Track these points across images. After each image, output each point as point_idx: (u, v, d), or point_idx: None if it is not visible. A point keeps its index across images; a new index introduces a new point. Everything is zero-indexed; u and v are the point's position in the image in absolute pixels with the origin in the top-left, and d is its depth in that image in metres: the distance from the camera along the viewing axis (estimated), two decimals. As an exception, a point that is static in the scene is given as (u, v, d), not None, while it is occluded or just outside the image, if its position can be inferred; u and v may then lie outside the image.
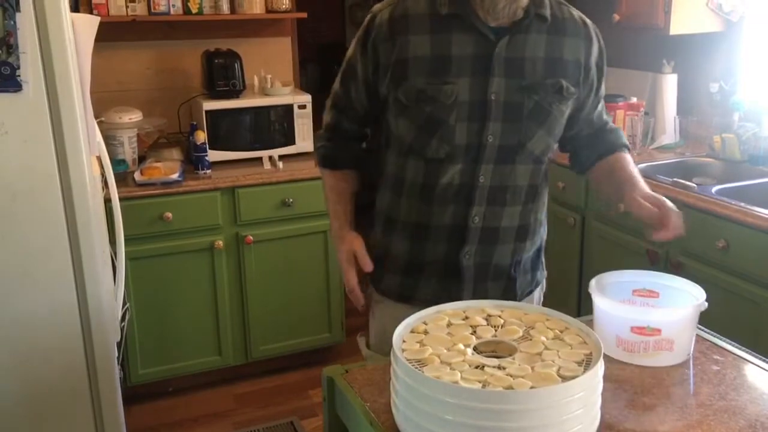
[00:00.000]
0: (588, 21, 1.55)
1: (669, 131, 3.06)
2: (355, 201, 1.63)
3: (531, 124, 1.45)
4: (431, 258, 1.52)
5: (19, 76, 1.72)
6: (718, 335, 1.39)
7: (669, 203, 1.40)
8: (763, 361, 1.29)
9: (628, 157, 1.61)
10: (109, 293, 2.04)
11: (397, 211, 1.53)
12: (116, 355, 2.03)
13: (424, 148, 1.45)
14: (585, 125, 1.62)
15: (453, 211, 1.47)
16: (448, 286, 1.52)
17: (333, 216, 1.60)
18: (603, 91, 1.63)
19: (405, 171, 1.50)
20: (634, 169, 1.55)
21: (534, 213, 1.55)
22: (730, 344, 1.36)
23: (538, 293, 1.67)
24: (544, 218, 1.61)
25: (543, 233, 1.63)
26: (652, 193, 1.44)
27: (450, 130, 1.42)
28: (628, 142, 1.68)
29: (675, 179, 2.51)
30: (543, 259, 1.67)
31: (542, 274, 1.67)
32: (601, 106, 1.65)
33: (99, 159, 2.10)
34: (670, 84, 3.06)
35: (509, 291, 1.56)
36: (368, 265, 1.49)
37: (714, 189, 2.43)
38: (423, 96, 1.41)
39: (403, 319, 1.42)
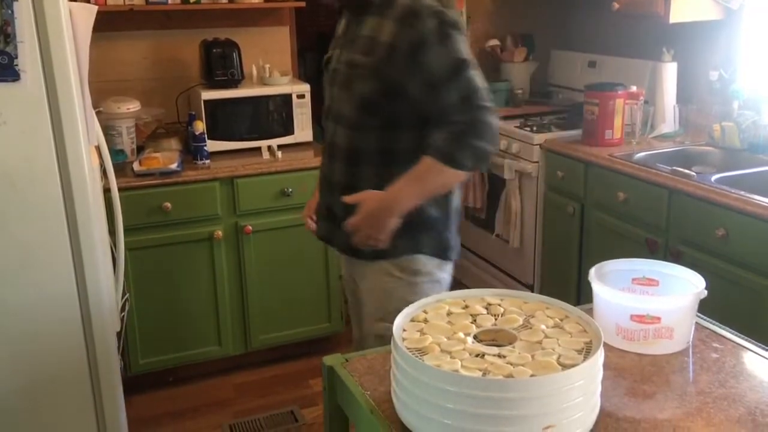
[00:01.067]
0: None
1: (668, 120, 3.05)
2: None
3: (340, 92, 1.77)
4: (320, 204, 1.89)
5: (17, 65, 1.71)
6: (718, 323, 1.40)
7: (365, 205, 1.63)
8: (763, 348, 1.29)
9: (425, 160, 1.61)
10: (109, 283, 2.04)
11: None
12: (116, 345, 2.03)
13: None
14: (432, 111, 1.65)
15: (326, 163, 1.84)
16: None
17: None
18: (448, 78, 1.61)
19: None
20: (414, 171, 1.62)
21: (363, 175, 1.72)
22: (729, 332, 1.36)
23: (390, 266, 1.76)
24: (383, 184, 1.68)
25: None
26: (372, 193, 1.64)
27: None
28: (442, 146, 1.61)
29: (674, 168, 2.51)
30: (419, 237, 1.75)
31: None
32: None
33: (98, 149, 2.10)
34: (669, 72, 3.05)
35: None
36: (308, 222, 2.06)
37: (713, 177, 2.42)
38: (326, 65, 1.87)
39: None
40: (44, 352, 1.91)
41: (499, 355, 1.05)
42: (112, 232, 2.25)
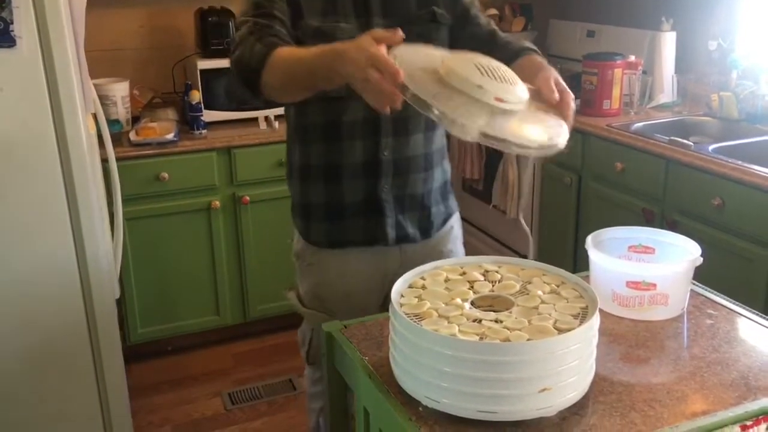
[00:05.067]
0: None
1: (667, 90, 3.04)
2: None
3: None
4: (351, 198, 1.57)
5: (12, 31, 1.70)
6: (713, 290, 1.41)
7: (572, 108, 1.28)
8: (756, 315, 1.31)
9: (539, 58, 1.49)
10: (108, 251, 2.05)
11: (307, 157, 1.59)
12: (116, 312, 2.04)
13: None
14: (477, 39, 1.57)
15: (363, 147, 1.53)
16: (373, 225, 1.58)
17: (318, 52, 1.24)
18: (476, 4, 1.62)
19: (306, 116, 1.54)
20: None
21: (433, 141, 1.61)
22: (723, 299, 1.37)
23: (456, 222, 1.74)
24: (445, 148, 1.67)
25: (447, 165, 1.70)
26: (563, 82, 1.31)
27: None
28: (534, 46, 1.54)
29: (672, 138, 2.51)
30: (452, 191, 1.73)
31: (455, 205, 1.74)
32: (484, 20, 1.61)
33: (94, 117, 2.09)
34: (668, 42, 3.03)
35: (425, 220, 1.64)
36: (397, 35, 1.15)
37: (711, 147, 2.42)
38: (320, 33, 1.43)
39: (338, 265, 1.58)
40: (44, 320, 1.92)
41: (496, 320, 1.06)
42: (109, 201, 2.25)
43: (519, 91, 1.14)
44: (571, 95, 1.29)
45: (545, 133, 1.15)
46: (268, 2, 1.45)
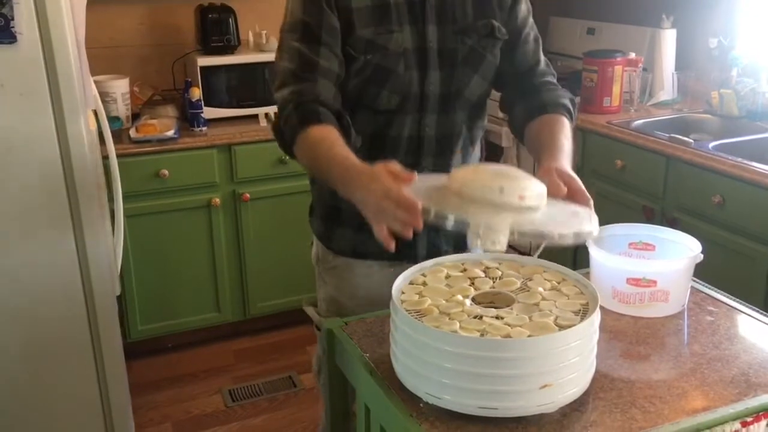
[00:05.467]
0: None
1: (667, 87, 3.04)
2: None
3: (466, 70, 1.44)
4: None
5: (13, 27, 1.69)
6: (713, 287, 1.41)
7: (583, 191, 1.20)
8: (757, 311, 1.31)
9: (563, 121, 1.44)
10: (108, 248, 2.05)
11: None
12: (117, 308, 2.04)
13: (375, 100, 1.42)
14: (518, 64, 1.52)
15: (402, 163, 1.41)
16: (405, 242, 1.45)
17: (335, 163, 1.23)
18: (531, 27, 1.53)
19: (355, 123, 1.42)
20: (564, 137, 1.39)
21: (473, 156, 1.56)
22: (724, 296, 1.37)
23: None
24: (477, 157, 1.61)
25: None
26: (571, 172, 1.25)
27: (400, 79, 1.40)
28: (570, 105, 1.49)
29: (672, 135, 2.51)
30: None
31: None
32: (532, 46, 1.53)
33: (95, 114, 2.08)
34: (668, 39, 3.03)
35: (461, 235, 1.54)
36: (410, 175, 1.11)
37: (711, 144, 2.43)
38: (372, 46, 1.38)
39: (363, 271, 1.49)
40: (45, 317, 1.92)
41: (497, 317, 1.06)
42: (110, 198, 2.25)
43: (536, 186, 1.10)
44: (578, 182, 1.20)
45: (575, 219, 1.12)
46: (317, 21, 1.37)
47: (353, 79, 1.41)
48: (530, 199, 1.07)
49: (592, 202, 1.19)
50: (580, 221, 1.12)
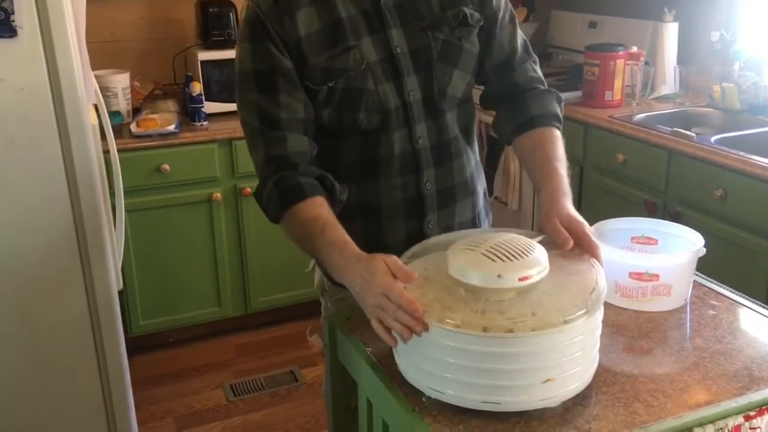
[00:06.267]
0: None
1: (669, 81, 3.03)
2: None
3: (445, 67, 1.35)
4: (393, 239, 1.37)
5: (13, 21, 1.69)
6: (716, 281, 1.41)
7: (588, 235, 1.16)
8: (759, 305, 1.31)
9: (555, 137, 1.40)
10: (109, 242, 2.04)
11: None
12: (118, 302, 2.04)
13: (354, 124, 1.31)
14: (495, 54, 1.43)
15: (402, 184, 1.36)
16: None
17: (334, 248, 1.17)
18: (506, 7, 1.43)
19: (341, 151, 1.36)
20: (559, 163, 1.35)
21: (474, 154, 1.47)
22: (727, 290, 1.37)
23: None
24: (478, 155, 1.52)
25: (482, 172, 1.54)
26: (575, 215, 1.20)
27: (374, 96, 1.30)
28: (558, 110, 1.45)
29: (674, 129, 2.50)
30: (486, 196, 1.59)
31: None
32: (509, 30, 1.44)
33: (96, 108, 2.08)
34: (670, 33, 3.02)
35: None
36: (412, 276, 1.07)
37: (713, 138, 2.42)
38: (329, 73, 1.27)
39: None
40: (46, 313, 1.92)
41: (500, 311, 1.05)
42: (111, 193, 2.24)
43: (538, 255, 1.07)
44: (584, 232, 1.15)
45: (582, 285, 1.08)
46: (268, 67, 1.28)
47: (324, 110, 1.31)
48: (532, 277, 1.04)
49: (600, 250, 1.14)
50: (587, 285, 1.07)
